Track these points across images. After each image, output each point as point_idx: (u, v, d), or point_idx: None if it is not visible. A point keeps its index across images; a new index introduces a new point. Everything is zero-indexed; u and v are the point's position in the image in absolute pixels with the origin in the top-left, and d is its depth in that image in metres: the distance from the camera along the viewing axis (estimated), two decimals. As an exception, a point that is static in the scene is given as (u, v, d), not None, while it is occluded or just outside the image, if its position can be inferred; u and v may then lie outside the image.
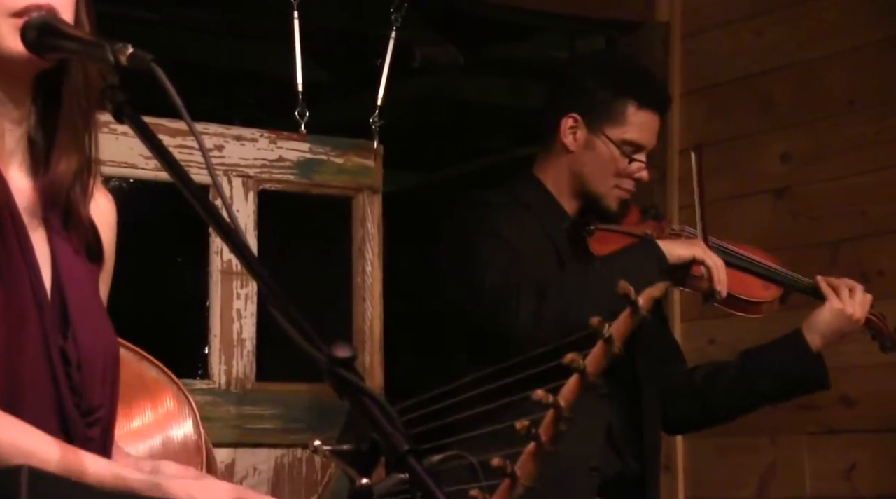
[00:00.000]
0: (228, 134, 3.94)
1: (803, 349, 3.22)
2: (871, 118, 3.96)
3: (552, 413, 2.48)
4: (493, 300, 3.00)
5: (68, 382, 1.74)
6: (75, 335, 1.76)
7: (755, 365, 3.31)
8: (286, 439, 3.86)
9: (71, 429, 1.74)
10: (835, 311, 3.20)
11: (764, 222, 4.07)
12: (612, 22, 4.47)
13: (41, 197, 1.79)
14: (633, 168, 3.19)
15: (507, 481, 2.46)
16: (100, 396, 1.79)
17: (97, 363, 1.79)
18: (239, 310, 3.88)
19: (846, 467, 3.96)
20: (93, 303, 1.83)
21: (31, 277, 1.74)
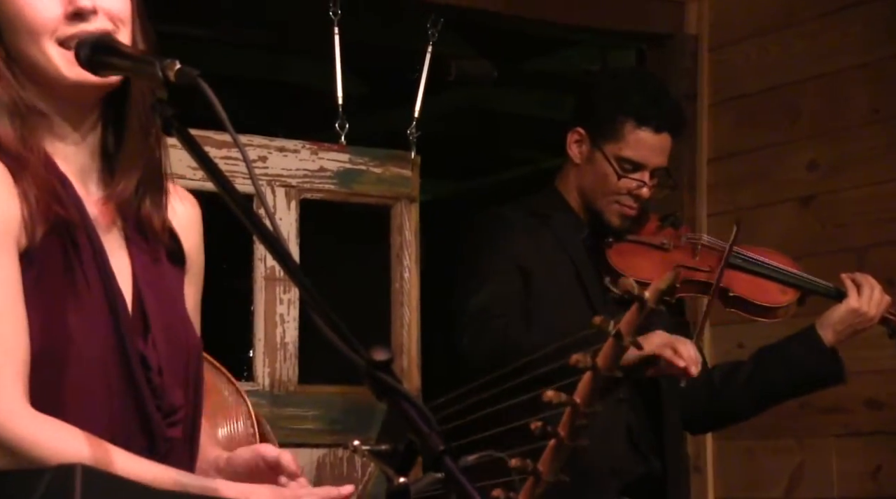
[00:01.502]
0: (272, 145, 3.96)
1: (816, 344, 3.21)
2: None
3: (569, 411, 2.49)
4: (468, 327, 3.05)
5: (149, 385, 1.76)
6: (154, 340, 1.78)
7: (770, 362, 3.30)
8: (327, 439, 3.88)
9: (153, 430, 1.75)
10: (851, 308, 3.18)
11: (791, 229, 4.06)
12: (643, 35, 4.47)
13: (115, 210, 1.81)
14: (627, 185, 3.17)
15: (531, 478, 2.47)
16: (181, 397, 1.80)
17: (177, 366, 1.80)
18: (282, 315, 3.89)
19: (872, 468, 3.94)
20: (173, 307, 1.85)
21: (106, 287, 1.76)
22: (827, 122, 4.10)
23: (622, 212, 3.19)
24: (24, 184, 1.72)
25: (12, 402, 1.64)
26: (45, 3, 1.75)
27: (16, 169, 1.72)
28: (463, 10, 4.15)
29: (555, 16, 4.27)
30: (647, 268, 3.14)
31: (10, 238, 1.70)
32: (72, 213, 1.75)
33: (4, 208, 1.70)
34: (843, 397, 3.89)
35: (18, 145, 1.74)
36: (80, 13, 1.74)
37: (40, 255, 1.72)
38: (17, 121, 1.75)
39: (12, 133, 1.74)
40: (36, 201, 1.71)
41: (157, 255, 1.85)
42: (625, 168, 3.17)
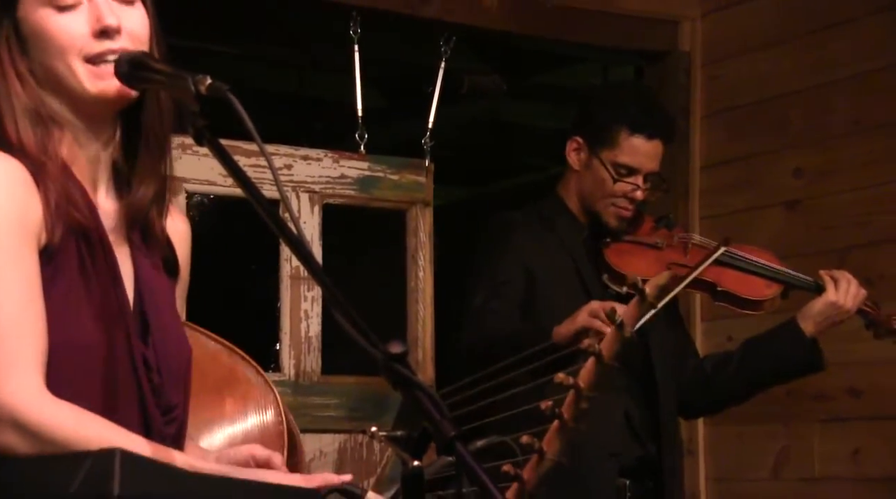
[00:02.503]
0: (296, 154, 3.96)
1: (798, 335, 3.21)
2: (876, 137, 3.94)
3: (573, 393, 2.49)
4: (468, 321, 3.08)
5: (150, 384, 1.75)
6: (154, 343, 1.77)
7: (756, 352, 3.31)
8: (348, 426, 3.88)
9: (151, 426, 1.74)
10: (829, 301, 3.19)
11: (778, 232, 4.06)
12: (641, 52, 4.47)
13: (124, 217, 1.80)
14: (622, 188, 3.17)
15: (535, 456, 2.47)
16: (176, 396, 1.79)
17: (173, 368, 1.79)
18: (306, 311, 3.90)
19: (852, 451, 3.93)
20: (169, 313, 1.83)
21: (117, 291, 1.75)
22: (811, 133, 4.10)
23: (619, 214, 3.20)
24: (44, 187, 1.70)
25: (33, 389, 1.63)
26: (75, 22, 1.73)
27: (36, 173, 1.71)
28: (475, 29, 4.15)
29: (560, 34, 4.27)
30: (642, 266, 3.14)
31: (33, 236, 1.68)
32: (86, 217, 1.74)
33: (28, 208, 1.68)
34: (826, 385, 3.89)
35: (39, 151, 1.72)
36: (107, 31, 1.73)
37: (57, 254, 1.70)
38: (39, 128, 1.74)
39: (34, 139, 1.73)
40: (55, 204, 1.70)
41: (156, 262, 1.84)
42: (620, 173, 3.18)
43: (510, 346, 2.78)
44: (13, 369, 1.61)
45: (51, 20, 1.73)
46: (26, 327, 1.64)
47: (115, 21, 1.73)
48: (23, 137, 1.72)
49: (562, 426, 2.47)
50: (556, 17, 4.21)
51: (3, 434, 1.59)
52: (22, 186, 1.68)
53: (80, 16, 1.74)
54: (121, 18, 1.74)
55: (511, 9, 4.13)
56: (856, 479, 3.92)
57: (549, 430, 2.48)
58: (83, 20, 1.73)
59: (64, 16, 1.73)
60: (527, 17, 4.17)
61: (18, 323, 1.63)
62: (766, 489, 4.15)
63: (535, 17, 4.19)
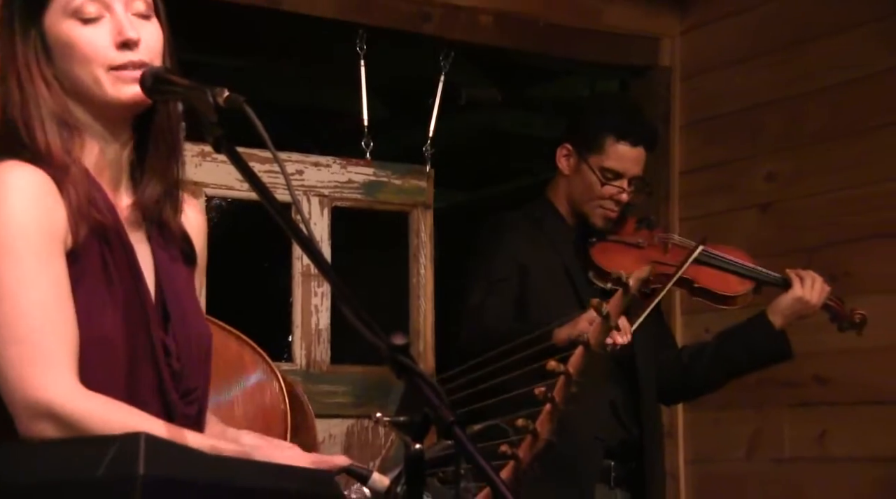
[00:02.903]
0: (307, 161, 3.96)
1: (768, 327, 3.22)
2: (843, 145, 3.94)
3: (563, 379, 2.49)
4: (466, 317, 3.08)
5: (169, 369, 1.74)
6: (174, 330, 1.76)
7: (730, 342, 3.31)
8: (355, 412, 3.88)
9: (171, 407, 1.73)
10: (796, 296, 3.20)
11: (751, 232, 4.06)
12: (625, 67, 4.47)
13: (141, 213, 1.80)
14: (609, 191, 3.18)
15: (529, 436, 2.47)
16: (195, 379, 1.79)
17: (192, 353, 1.78)
18: (316, 305, 3.90)
19: (818, 433, 3.94)
20: (188, 301, 1.83)
21: (137, 285, 1.74)
22: (782, 141, 4.10)
23: (605, 215, 3.20)
24: (66, 190, 1.70)
25: (67, 384, 1.63)
26: (98, 34, 1.73)
27: (59, 177, 1.70)
28: (472, 45, 4.15)
29: (551, 50, 4.27)
30: (625, 263, 3.15)
31: (59, 241, 1.68)
32: (106, 217, 1.73)
33: (53, 216, 1.68)
34: (794, 373, 3.89)
35: (63, 155, 1.72)
36: (128, 44, 1.72)
37: (82, 254, 1.70)
38: (64, 133, 1.73)
39: (59, 144, 1.72)
40: (78, 207, 1.70)
41: (174, 254, 1.83)
42: (607, 177, 3.18)
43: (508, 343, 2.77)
44: (48, 367, 1.62)
45: (76, 31, 1.73)
46: (58, 327, 1.64)
47: (136, 34, 1.73)
48: (50, 142, 1.71)
49: (553, 409, 2.48)
50: (547, 35, 4.21)
51: (41, 426, 1.60)
52: (47, 196, 1.68)
53: (103, 28, 1.73)
54: (139, 31, 1.74)
55: (506, 26, 4.13)
56: (821, 459, 3.93)
57: (542, 412, 2.49)
58: (106, 32, 1.73)
59: (88, 28, 1.73)
60: (520, 34, 4.17)
61: (51, 323, 1.63)
62: (739, 469, 4.15)
63: (528, 35, 4.19)
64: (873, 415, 3.80)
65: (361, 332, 1.46)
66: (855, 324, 3.32)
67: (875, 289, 3.73)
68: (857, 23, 3.91)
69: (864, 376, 3.81)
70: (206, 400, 1.83)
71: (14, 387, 1.61)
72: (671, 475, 4.26)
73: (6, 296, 1.63)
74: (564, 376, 2.49)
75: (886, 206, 3.80)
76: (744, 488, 4.13)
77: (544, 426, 2.49)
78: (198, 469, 1.32)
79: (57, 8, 1.73)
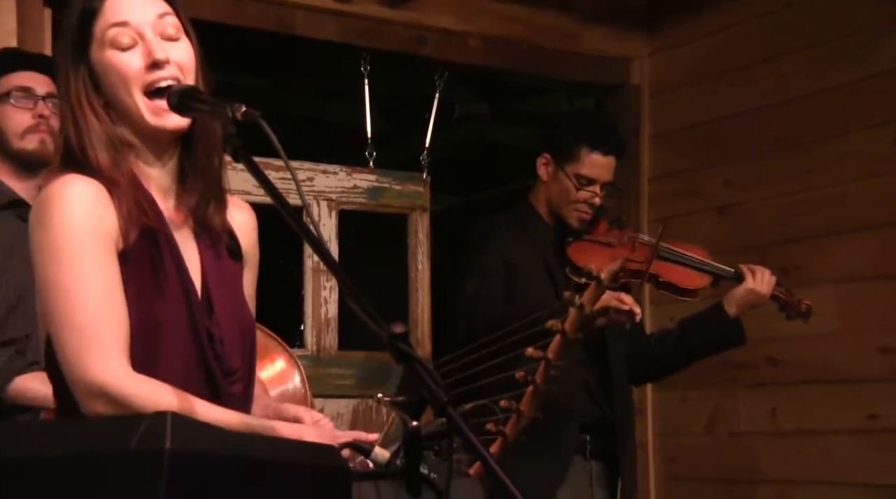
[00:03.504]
0: (317, 169, 3.95)
1: (723, 316, 3.23)
2: (791, 155, 3.94)
3: (543, 363, 2.49)
4: (466, 304, 3.05)
5: (213, 352, 1.74)
6: (217, 318, 1.76)
7: (690, 329, 3.31)
8: (359, 392, 3.88)
9: (217, 386, 1.74)
10: (748, 288, 3.21)
11: (710, 232, 4.06)
12: (600, 85, 4.46)
13: (186, 215, 1.80)
14: (584, 195, 3.17)
15: (514, 415, 2.47)
16: (238, 361, 1.78)
17: (235, 338, 1.78)
18: (325, 298, 3.89)
19: (770, 409, 3.94)
20: (233, 292, 1.82)
21: (181, 278, 1.74)
22: (738, 151, 4.10)
23: (580, 217, 3.20)
24: (117, 199, 1.71)
25: (119, 367, 1.64)
26: (132, 59, 1.73)
27: (111, 188, 1.71)
28: (464, 66, 4.15)
29: (534, 70, 4.27)
30: (598, 260, 3.14)
31: (111, 242, 1.69)
32: (154, 221, 1.74)
33: (106, 221, 1.69)
34: (749, 357, 3.90)
35: (112, 170, 1.73)
36: (157, 63, 1.73)
37: (133, 254, 1.71)
38: (111, 151, 1.74)
39: (108, 160, 1.73)
40: (127, 213, 1.71)
41: (220, 251, 1.83)
42: (581, 183, 3.18)
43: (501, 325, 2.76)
44: (102, 353, 1.63)
45: (114, 58, 1.74)
46: (111, 318, 1.65)
47: (164, 55, 1.73)
48: (100, 160, 1.72)
49: (535, 390, 2.48)
50: (530, 56, 4.20)
51: (97, 404, 1.61)
52: (100, 204, 1.69)
53: (137, 53, 1.74)
54: (168, 52, 1.74)
55: (494, 49, 4.13)
56: (773, 432, 3.93)
57: (525, 394, 2.49)
58: (139, 56, 1.73)
59: (124, 54, 1.73)
60: (507, 56, 4.17)
61: (104, 315, 1.64)
62: (701, 442, 4.15)
63: (514, 56, 4.18)
64: (818, 393, 3.80)
65: (364, 321, 1.45)
66: (802, 313, 3.32)
67: (820, 281, 3.73)
68: (801, 47, 3.91)
69: (811, 358, 3.81)
70: (252, 380, 1.84)
71: (73, 370, 1.63)
72: (641, 447, 4.26)
73: (65, 291, 1.64)
74: (544, 361, 2.49)
75: (828, 208, 3.81)
76: (705, 458, 4.13)
77: (528, 406, 2.49)
78: (218, 444, 1.32)
79: (98, 42, 1.75)
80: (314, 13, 3.80)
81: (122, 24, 1.73)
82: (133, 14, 1.74)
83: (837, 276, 3.75)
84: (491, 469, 1.36)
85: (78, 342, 1.63)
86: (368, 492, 1.53)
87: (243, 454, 1.33)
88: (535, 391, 2.51)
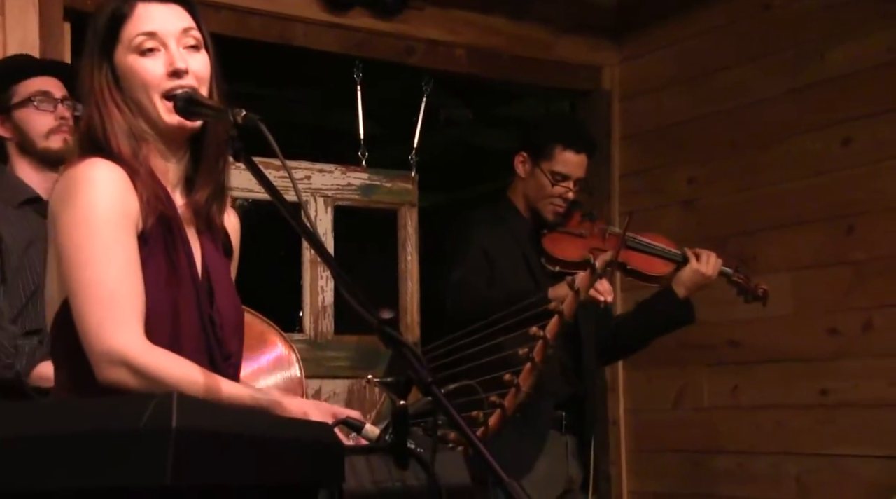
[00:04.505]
0: (314, 168, 3.94)
1: (672, 297, 3.19)
2: (748, 154, 3.94)
3: (542, 342, 2.49)
4: (452, 290, 3.02)
5: (214, 337, 1.74)
6: (217, 305, 1.76)
7: (643, 312, 3.29)
8: (354, 373, 3.87)
9: (217, 367, 1.73)
10: (693, 269, 3.18)
11: (675, 225, 4.05)
12: (573, 90, 4.46)
13: (192, 211, 1.79)
14: (559, 191, 3.16)
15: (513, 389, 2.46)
16: (233, 345, 1.78)
17: (232, 324, 1.78)
18: (322, 286, 3.88)
19: (731, 387, 3.95)
20: (227, 283, 1.83)
21: (190, 266, 1.74)
22: (701, 151, 4.10)
23: (555, 211, 3.19)
24: (138, 186, 1.70)
25: (138, 337, 1.62)
26: (154, 65, 1.73)
27: (133, 175, 1.70)
28: (449, 73, 4.14)
29: (513, 77, 4.26)
30: (570, 249, 3.15)
31: (132, 223, 1.68)
32: (168, 210, 1.73)
33: (128, 203, 1.68)
34: (711, 338, 3.91)
35: (133, 159, 1.72)
36: (177, 73, 1.72)
37: (150, 238, 1.70)
38: (133, 141, 1.73)
39: (129, 150, 1.72)
40: (147, 199, 1.70)
41: (217, 246, 1.83)
42: (556, 179, 3.16)
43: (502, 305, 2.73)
44: (122, 323, 1.61)
45: (137, 63, 1.73)
46: (130, 292, 1.63)
47: (184, 65, 1.73)
48: (122, 148, 1.72)
49: (534, 367, 2.48)
50: (510, 64, 4.20)
51: (117, 373, 1.60)
52: (124, 187, 1.68)
53: (159, 60, 1.73)
54: (188, 62, 1.74)
55: (476, 58, 4.12)
56: (734, 408, 3.94)
57: (524, 370, 2.48)
58: (161, 63, 1.73)
59: (147, 59, 1.73)
60: (488, 64, 4.16)
61: (124, 288, 1.63)
62: (668, 417, 4.16)
63: (494, 65, 4.17)
64: (775, 371, 3.81)
65: (355, 308, 1.45)
66: (759, 297, 3.31)
67: (774, 269, 3.74)
68: (755, 56, 3.92)
69: (768, 339, 3.81)
70: (240, 365, 1.83)
71: (94, 339, 1.61)
72: (613, 422, 4.26)
73: (88, 264, 1.62)
74: (543, 340, 2.49)
75: (781, 203, 3.81)
76: (671, 432, 4.14)
77: (526, 381, 2.49)
78: (222, 422, 1.30)
79: (124, 46, 1.74)
80: (312, 26, 3.79)
81: (150, 34, 1.73)
82: (161, 25, 1.74)
83: (790, 264, 3.76)
84: (472, 443, 1.35)
85: (100, 313, 1.61)
86: (360, 465, 1.53)
87: (245, 432, 1.32)
88: (533, 368, 2.50)
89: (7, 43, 3.12)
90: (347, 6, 3.80)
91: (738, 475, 3.89)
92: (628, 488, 4.26)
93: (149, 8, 1.75)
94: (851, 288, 3.60)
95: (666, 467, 4.15)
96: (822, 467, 3.65)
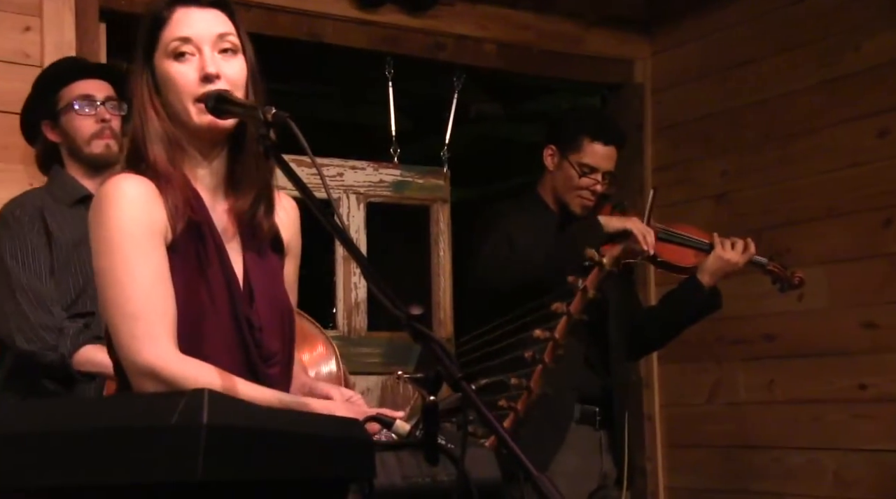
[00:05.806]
0: (346, 165, 3.95)
1: (698, 286, 3.15)
2: (780, 146, 3.91)
3: (551, 343, 2.47)
4: (485, 262, 2.97)
5: (252, 338, 1.74)
6: (257, 307, 1.76)
7: (669, 303, 3.26)
8: (386, 369, 3.87)
9: (255, 368, 1.74)
10: (716, 256, 3.13)
11: (708, 218, 4.02)
12: (604, 84, 4.44)
13: (233, 216, 1.79)
14: (586, 183, 3.13)
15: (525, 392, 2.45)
16: (276, 346, 1.78)
17: (274, 325, 1.78)
18: (355, 283, 3.89)
19: (767, 381, 3.91)
20: (273, 283, 1.82)
21: (224, 272, 1.74)
22: (734, 143, 4.07)
23: (583, 203, 3.16)
24: (168, 194, 1.71)
25: (166, 349, 1.65)
26: (188, 70, 1.74)
27: (163, 184, 1.72)
28: (479, 69, 4.13)
29: (543, 71, 4.25)
30: None
31: (160, 235, 1.70)
32: (200, 216, 1.74)
33: (154, 216, 1.70)
34: (747, 332, 3.88)
35: (167, 166, 1.73)
36: (208, 77, 1.73)
37: (180, 246, 1.71)
38: (167, 148, 1.74)
39: (164, 157, 1.73)
40: (176, 207, 1.71)
41: (263, 247, 1.82)
42: (584, 171, 3.14)
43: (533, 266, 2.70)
44: (150, 337, 1.64)
45: (172, 68, 1.74)
46: (159, 305, 1.66)
47: (215, 69, 1.73)
48: (157, 156, 1.73)
49: (544, 369, 2.46)
50: (540, 59, 4.18)
51: (146, 383, 1.63)
52: (149, 201, 1.69)
53: (193, 65, 1.74)
54: (221, 67, 1.74)
55: (506, 53, 4.11)
56: (769, 402, 3.91)
57: (535, 372, 2.47)
58: (194, 68, 1.74)
59: (182, 65, 1.74)
60: (518, 59, 4.15)
61: (153, 303, 1.65)
62: (703, 411, 4.13)
63: (525, 59, 4.16)
64: (811, 365, 3.77)
65: (385, 304, 1.44)
66: (795, 285, 3.26)
67: (809, 262, 3.70)
68: (788, 47, 3.88)
69: (803, 333, 3.78)
70: (291, 362, 1.83)
71: (125, 353, 1.65)
72: (648, 417, 4.24)
73: (117, 283, 1.66)
74: (552, 342, 2.47)
75: (816, 195, 3.77)
76: (707, 427, 4.11)
77: (537, 383, 2.48)
78: (252, 418, 1.31)
79: (161, 50, 1.75)
80: (342, 23, 3.79)
81: (184, 40, 1.74)
82: (196, 30, 1.74)
83: (826, 257, 3.72)
84: (502, 439, 1.35)
85: (129, 329, 1.65)
86: (391, 461, 1.53)
87: (274, 428, 1.32)
88: (544, 370, 2.49)
89: (44, 44, 3.15)
90: (378, 3, 3.80)
91: (774, 470, 3.86)
92: (664, 484, 4.24)
93: (187, 13, 1.75)
94: (888, 281, 3.56)
95: (701, 462, 4.12)
96: (860, 462, 3.61)
